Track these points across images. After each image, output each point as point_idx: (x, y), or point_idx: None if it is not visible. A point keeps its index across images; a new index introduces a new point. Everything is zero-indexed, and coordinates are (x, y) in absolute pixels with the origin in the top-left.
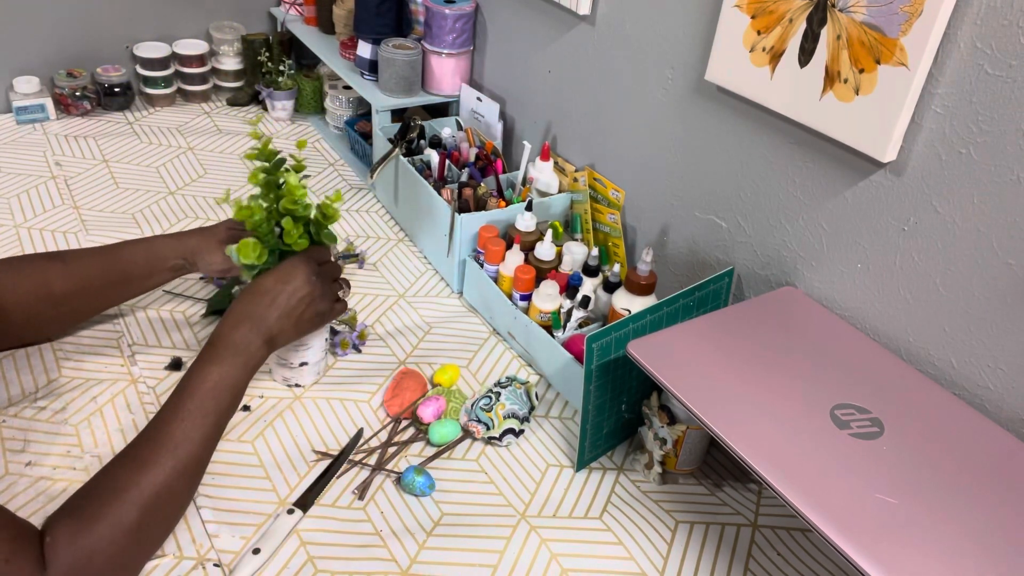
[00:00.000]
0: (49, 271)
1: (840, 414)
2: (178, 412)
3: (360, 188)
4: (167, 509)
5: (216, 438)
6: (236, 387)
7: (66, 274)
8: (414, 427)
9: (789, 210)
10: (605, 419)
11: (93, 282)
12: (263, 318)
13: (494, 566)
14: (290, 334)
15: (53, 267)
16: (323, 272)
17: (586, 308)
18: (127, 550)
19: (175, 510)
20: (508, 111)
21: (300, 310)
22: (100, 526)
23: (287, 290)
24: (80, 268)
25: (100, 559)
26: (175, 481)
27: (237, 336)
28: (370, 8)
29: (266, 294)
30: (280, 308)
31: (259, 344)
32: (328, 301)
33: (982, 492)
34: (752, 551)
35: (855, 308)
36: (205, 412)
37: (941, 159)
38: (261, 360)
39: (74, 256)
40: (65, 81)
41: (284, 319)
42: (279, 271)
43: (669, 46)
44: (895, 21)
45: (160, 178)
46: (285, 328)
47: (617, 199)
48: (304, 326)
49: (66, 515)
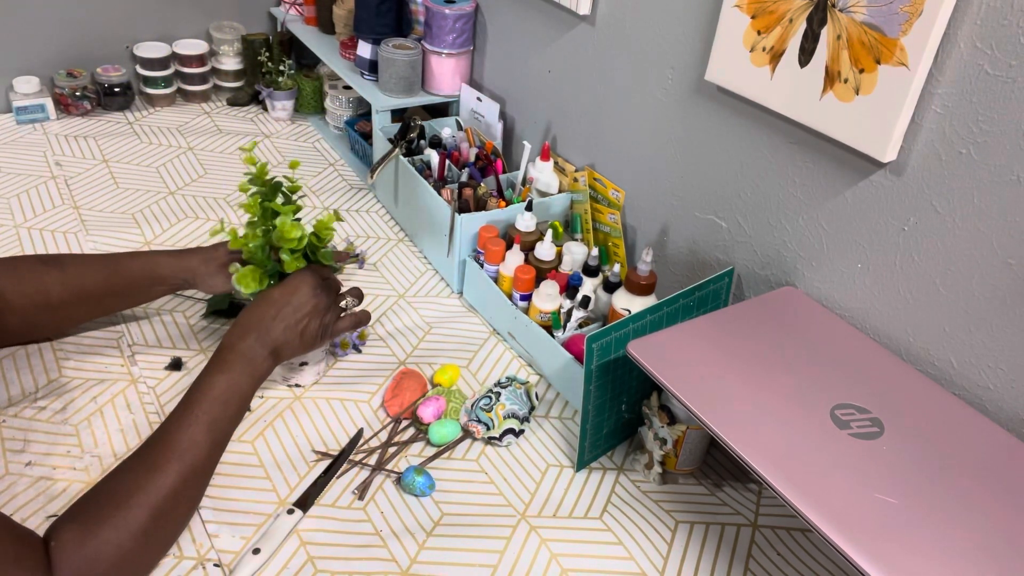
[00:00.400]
0: (47, 277)
1: (840, 414)
2: (185, 418)
3: (360, 188)
4: (174, 514)
5: (223, 445)
6: (242, 395)
7: (64, 281)
8: (414, 427)
9: (789, 210)
10: (605, 419)
11: (91, 291)
12: (269, 329)
13: (494, 566)
14: (295, 345)
15: (51, 273)
16: (327, 285)
17: (586, 308)
18: (134, 554)
19: (182, 515)
20: (508, 111)
21: (304, 323)
22: (107, 530)
23: (292, 303)
24: (79, 276)
25: (106, 563)
26: (182, 486)
27: (244, 346)
28: (370, 8)
29: (272, 306)
30: (285, 320)
31: (265, 355)
32: (333, 314)
33: (982, 492)
34: (752, 551)
35: (855, 308)
36: (212, 419)
37: (941, 159)
38: (267, 371)
39: (73, 263)
40: (65, 81)
41: (289, 331)
42: (285, 284)
43: (669, 46)
44: (895, 21)
45: (160, 178)
46: (290, 340)
47: (617, 199)
48: (309, 338)
49: (72, 519)
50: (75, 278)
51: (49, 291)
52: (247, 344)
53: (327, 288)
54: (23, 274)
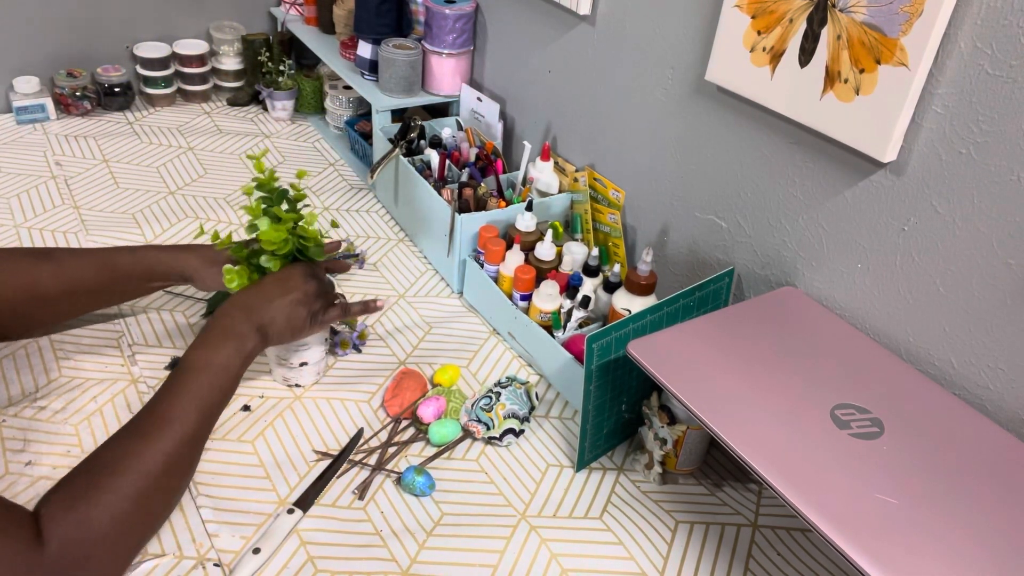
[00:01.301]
0: (40, 269)
1: (840, 414)
2: (174, 390)
3: (360, 188)
4: (167, 481)
5: (213, 416)
6: (229, 368)
7: (57, 274)
8: (414, 427)
9: (789, 210)
10: (605, 419)
11: (84, 285)
12: (253, 307)
13: (494, 566)
14: (281, 326)
15: (44, 266)
16: (317, 276)
17: (586, 308)
18: (127, 522)
19: (176, 482)
20: (508, 111)
21: (292, 306)
22: (99, 495)
23: (281, 288)
24: (72, 270)
25: (99, 530)
26: (175, 453)
27: (228, 322)
28: (370, 8)
29: (261, 288)
30: (272, 301)
31: (250, 329)
32: (322, 302)
33: (982, 492)
34: (752, 551)
35: (855, 308)
36: (200, 388)
37: (941, 159)
38: (255, 347)
39: (66, 256)
40: (65, 81)
41: (276, 311)
42: (277, 272)
43: (669, 46)
44: (895, 21)
45: (160, 178)
46: (277, 319)
47: (617, 199)
48: (297, 322)
49: (61, 489)
50: (68, 271)
51: (42, 283)
52: (234, 320)
53: (317, 278)
54: (15, 266)
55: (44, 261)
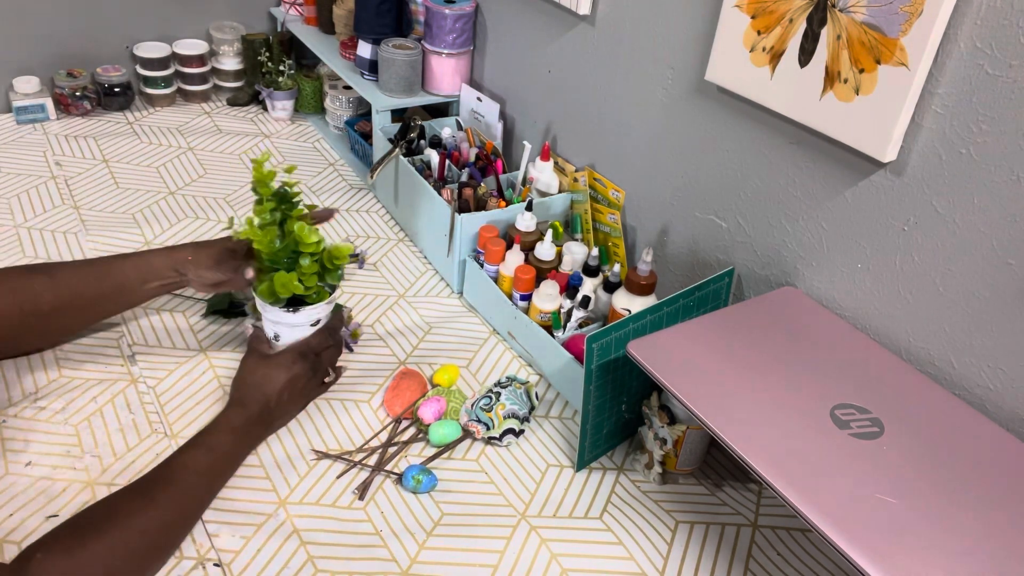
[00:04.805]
0: (35, 284)
1: (840, 414)
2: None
3: (360, 188)
4: (163, 540)
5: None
6: (235, 458)
7: (53, 287)
8: (414, 427)
9: (789, 210)
10: (605, 419)
11: (82, 295)
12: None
13: (494, 566)
14: (284, 420)
15: (38, 280)
16: (318, 363)
17: (586, 308)
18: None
19: (171, 542)
20: (508, 111)
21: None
22: (95, 545)
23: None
24: (68, 281)
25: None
26: (175, 515)
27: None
28: (370, 8)
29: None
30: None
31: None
32: (316, 382)
33: (982, 492)
34: (752, 551)
35: (855, 308)
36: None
37: (941, 159)
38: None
39: (61, 268)
40: (65, 81)
41: (282, 412)
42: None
43: (669, 46)
44: (895, 21)
45: (160, 178)
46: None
47: (617, 199)
48: (295, 410)
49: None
50: (65, 283)
51: (39, 298)
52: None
53: (316, 366)
54: (11, 283)
55: (39, 275)
